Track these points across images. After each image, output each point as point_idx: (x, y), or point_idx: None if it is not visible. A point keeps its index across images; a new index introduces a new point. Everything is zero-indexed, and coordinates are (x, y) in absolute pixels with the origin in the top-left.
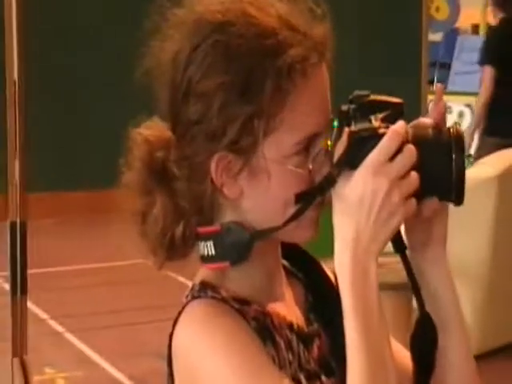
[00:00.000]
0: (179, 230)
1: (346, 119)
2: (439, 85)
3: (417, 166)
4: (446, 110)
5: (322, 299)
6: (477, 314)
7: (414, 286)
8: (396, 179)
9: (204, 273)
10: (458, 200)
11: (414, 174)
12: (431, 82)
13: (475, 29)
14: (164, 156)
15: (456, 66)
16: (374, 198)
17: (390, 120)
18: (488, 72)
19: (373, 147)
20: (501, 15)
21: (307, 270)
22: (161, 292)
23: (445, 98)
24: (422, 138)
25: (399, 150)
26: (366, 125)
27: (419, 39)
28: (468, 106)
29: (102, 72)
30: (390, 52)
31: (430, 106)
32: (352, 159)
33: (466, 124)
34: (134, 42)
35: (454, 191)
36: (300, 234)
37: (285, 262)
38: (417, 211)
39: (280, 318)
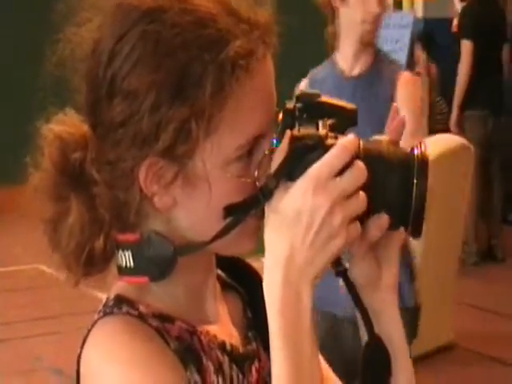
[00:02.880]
0: (99, 244)
1: (289, 119)
2: (394, 104)
3: (366, 185)
4: (404, 127)
5: (263, 316)
6: None
7: (360, 308)
8: (340, 198)
9: (121, 285)
10: (416, 231)
11: (361, 195)
12: None
13: (398, 4)
14: (80, 157)
15: (379, 44)
16: (313, 216)
17: (339, 129)
18: (467, 46)
19: (317, 159)
20: None
21: (247, 283)
22: (58, 300)
23: None
24: (376, 153)
25: (347, 166)
26: (311, 131)
27: None
28: None
29: (11, 59)
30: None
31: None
32: (291, 170)
33: None
34: (45, 26)
35: (411, 221)
36: (238, 247)
37: (221, 273)
38: (362, 234)
39: (210, 336)
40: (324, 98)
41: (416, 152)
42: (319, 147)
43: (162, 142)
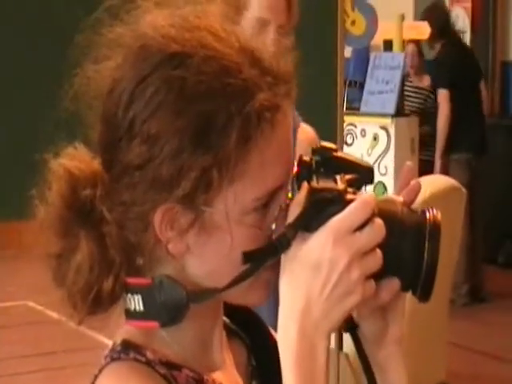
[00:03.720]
0: (107, 284)
1: (306, 172)
2: (409, 163)
3: (381, 245)
4: (419, 191)
5: (267, 365)
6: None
7: (365, 368)
8: (358, 254)
9: (128, 330)
10: (425, 296)
11: (378, 253)
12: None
13: (388, 45)
14: (91, 194)
15: (370, 85)
16: (332, 269)
17: (356, 185)
18: (444, 95)
19: (335, 212)
20: (442, 41)
21: (251, 331)
22: (49, 337)
23: (358, 119)
24: (390, 214)
25: (366, 222)
26: (330, 184)
27: (334, 55)
28: (383, 128)
29: (22, 87)
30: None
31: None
32: (309, 221)
33: (381, 148)
34: (62, 58)
35: (420, 285)
36: (250, 298)
37: (226, 319)
38: (374, 294)
39: None
40: (341, 153)
41: (428, 215)
42: (338, 201)
43: (183, 188)
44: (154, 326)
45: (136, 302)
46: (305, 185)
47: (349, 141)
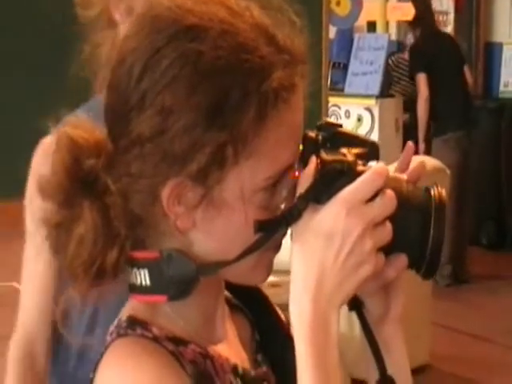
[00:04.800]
0: (112, 256)
1: (312, 147)
2: (410, 143)
3: (389, 219)
4: (423, 171)
5: (271, 339)
6: None
7: (373, 347)
8: (371, 225)
9: (132, 306)
10: (430, 272)
11: (388, 225)
12: None
13: (371, 26)
14: (95, 164)
15: (354, 66)
16: (345, 239)
17: (365, 159)
18: (422, 78)
19: (346, 184)
20: (421, 27)
21: (254, 305)
22: None
23: (342, 100)
24: (396, 189)
25: (377, 194)
26: (340, 156)
27: (319, 37)
28: (367, 109)
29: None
30: None
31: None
32: (320, 193)
33: (365, 129)
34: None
35: (426, 261)
36: (252, 277)
37: (228, 295)
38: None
39: (222, 360)
40: (346, 129)
41: (433, 192)
42: (349, 173)
43: (196, 164)
44: (162, 300)
45: (142, 277)
46: (313, 158)
47: None
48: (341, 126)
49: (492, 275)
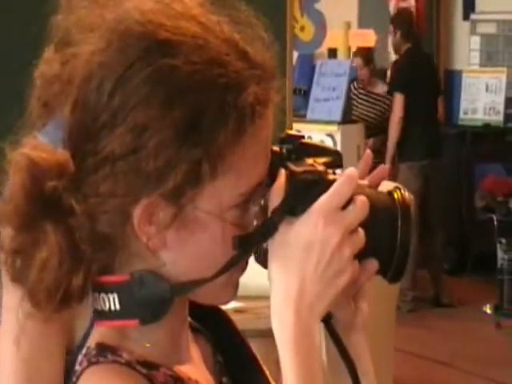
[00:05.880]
0: (78, 280)
1: (279, 160)
2: (368, 151)
3: (361, 224)
4: (385, 176)
5: (235, 360)
6: None
7: (345, 357)
8: (348, 231)
9: (100, 332)
10: (397, 276)
11: (361, 231)
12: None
13: (332, 53)
14: (57, 186)
15: (316, 92)
16: (324, 248)
17: (330, 167)
18: (399, 99)
19: (320, 193)
20: (406, 46)
21: (215, 327)
22: None
23: (304, 126)
24: (364, 194)
25: (349, 201)
26: (309, 167)
27: (283, 62)
28: (329, 135)
29: None
30: None
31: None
32: (294, 205)
33: None
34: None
35: (394, 264)
36: (220, 297)
37: (188, 318)
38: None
39: (192, 382)
40: (308, 140)
41: (396, 196)
42: (321, 182)
43: (172, 182)
44: (133, 325)
45: (111, 302)
46: (282, 171)
47: None
48: (303, 137)
49: (454, 300)
